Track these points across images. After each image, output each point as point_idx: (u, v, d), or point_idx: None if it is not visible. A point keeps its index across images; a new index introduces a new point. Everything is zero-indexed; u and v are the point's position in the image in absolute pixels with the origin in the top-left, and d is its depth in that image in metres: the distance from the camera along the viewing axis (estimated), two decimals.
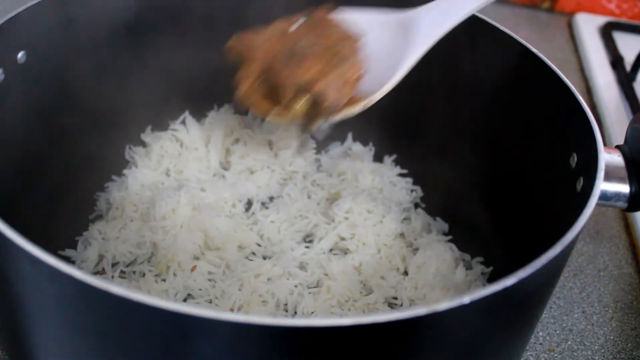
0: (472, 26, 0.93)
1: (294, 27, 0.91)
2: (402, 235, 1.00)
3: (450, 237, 1.00)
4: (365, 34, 0.91)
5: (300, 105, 0.84)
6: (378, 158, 1.13)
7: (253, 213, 1.02)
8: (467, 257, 0.97)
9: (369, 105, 0.87)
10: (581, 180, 0.73)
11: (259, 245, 0.97)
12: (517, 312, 0.65)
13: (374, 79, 0.89)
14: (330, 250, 0.98)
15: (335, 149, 1.14)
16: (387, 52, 0.90)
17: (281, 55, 0.86)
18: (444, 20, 0.87)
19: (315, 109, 0.84)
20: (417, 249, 0.97)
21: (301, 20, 0.92)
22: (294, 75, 0.83)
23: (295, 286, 0.91)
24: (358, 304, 0.89)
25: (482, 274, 0.94)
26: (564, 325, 0.94)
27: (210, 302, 0.89)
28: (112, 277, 0.90)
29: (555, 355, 0.90)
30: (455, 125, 1.03)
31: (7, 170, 0.83)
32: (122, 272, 0.91)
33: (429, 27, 0.87)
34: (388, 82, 0.87)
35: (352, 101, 0.87)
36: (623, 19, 1.64)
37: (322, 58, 0.85)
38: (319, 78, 0.83)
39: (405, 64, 0.87)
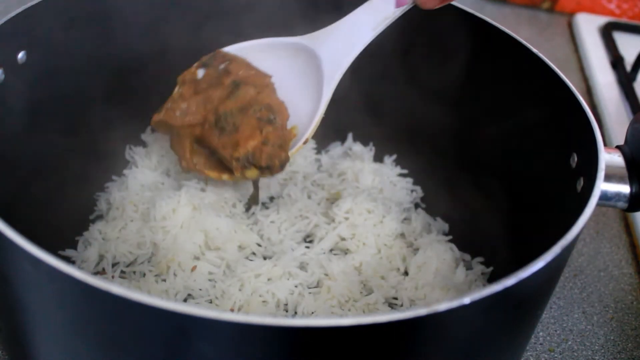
0: (472, 26, 0.93)
1: (199, 75, 0.95)
2: (402, 235, 1.00)
3: (450, 237, 1.00)
4: (272, 69, 0.95)
5: (251, 172, 0.90)
6: (378, 158, 1.13)
7: (253, 213, 1.02)
8: (467, 257, 0.97)
9: (307, 142, 0.92)
10: (581, 180, 0.73)
11: (259, 245, 0.97)
12: (517, 312, 0.65)
13: (300, 108, 0.93)
14: (331, 250, 0.97)
15: (336, 149, 1.14)
16: (301, 80, 0.94)
17: (209, 124, 0.91)
18: (347, 52, 0.90)
19: (266, 170, 0.90)
20: (417, 249, 0.97)
21: (203, 69, 0.97)
22: (234, 149, 0.89)
23: (296, 286, 0.91)
24: (358, 304, 0.89)
25: (482, 274, 0.94)
26: (564, 325, 0.94)
27: (211, 302, 0.89)
28: (112, 277, 0.90)
29: (555, 355, 0.90)
30: (456, 125, 1.03)
31: (7, 170, 0.83)
32: (122, 272, 0.91)
33: (334, 61, 0.91)
34: (314, 118, 0.91)
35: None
36: (623, 19, 1.64)
37: (252, 121, 0.89)
38: (261, 149, 0.89)
39: (322, 103, 0.91)
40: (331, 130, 1.15)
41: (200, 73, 0.95)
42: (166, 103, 0.95)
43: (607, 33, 1.54)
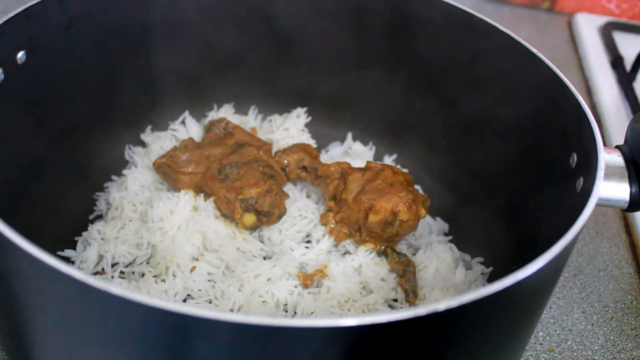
0: (473, 26, 0.93)
1: (203, 139, 1.04)
2: None
3: (450, 237, 1.00)
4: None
5: (249, 217, 0.95)
6: (378, 158, 1.13)
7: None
8: (467, 257, 0.97)
9: None
10: (581, 180, 0.73)
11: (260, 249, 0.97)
12: (517, 312, 0.65)
13: None
14: (330, 251, 0.97)
15: (336, 148, 1.14)
16: None
17: (210, 173, 0.97)
18: None
19: (264, 217, 0.95)
20: (417, 249, 0.97)
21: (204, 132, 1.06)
22: (239, 193, 0.94)
23: (295, 286, 0.91)
24: (358, 305, 0.89)
25: (482, 274, 0.94)
26: (564, 325, 0.94)
27: (210, 303, 0.89)
28: (112, 277, 0.90)
29: (555, 355, 0.90)
30: (455, 125, 1.03)
31: (7, 170, 0.83)
32: (122, 272, 0.91)
33: None
34: None
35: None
36: (623, 19, 1.64)
37: (256, 173, 0.96)
38: (265, 195, 0.94)
39: None
40: (331, 130, 1.15)
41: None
42: (170, 150, 1.00)
43: (606, 33, 1.54)
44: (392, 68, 1.06)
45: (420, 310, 0.52)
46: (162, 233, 0.93)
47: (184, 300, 0.89)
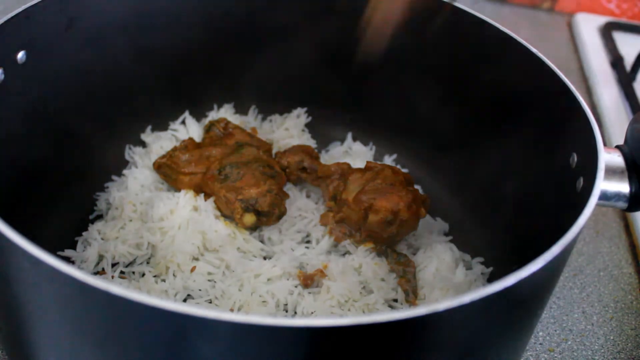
0: (473, 26, 0.93)
1: (203, 139, 1.04)
2: None
3: (450, 237, 1.00)
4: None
5: (249, 217, 0.94)
6: (378, 158, 1.13)
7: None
8: (467, 257, 0.97)
9: None
10: (581, 180, 0.73)
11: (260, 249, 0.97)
12: (517, 312, 0.65)
13: None
14: (330, 251, 0.97)
15: (336, 148, 1.14)
16: None
17: (210, 173, 0.97)
18: None
19: (264, 217, 0.95)
20: (417, 249, 0.97)
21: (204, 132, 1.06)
22: (239, 193, 0.94)
23: (295, 286, 0.91)
24: (358, 305, 0.89)
25: (482, 274, 0.94)
26: (564, 325, 0.94)
27: (210, 303, 0.89)
28: (112, 277, 0.90)
29: (555, 355, 0.90)
30: (456, 125, 1.03)
31: (7, 170, 0.83)
32: (122, 272, 0.91)
33: None
34: None
35: None
36: (623, 19, 1.64)
37: (256, 173, 0.96)
38: (265, 195, 0.94)
39: None
40: (331, 130, 1.15)
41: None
42: (170, 150, 1.01)
43: (606, 33, 1.54)
44: (392, 68, 1.06)
45: (420, 310, 0.52)
46: (162, 233, 0.93)
47: (184, 300, 0.89)
